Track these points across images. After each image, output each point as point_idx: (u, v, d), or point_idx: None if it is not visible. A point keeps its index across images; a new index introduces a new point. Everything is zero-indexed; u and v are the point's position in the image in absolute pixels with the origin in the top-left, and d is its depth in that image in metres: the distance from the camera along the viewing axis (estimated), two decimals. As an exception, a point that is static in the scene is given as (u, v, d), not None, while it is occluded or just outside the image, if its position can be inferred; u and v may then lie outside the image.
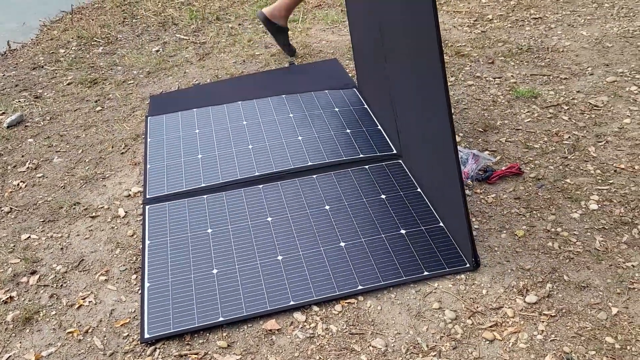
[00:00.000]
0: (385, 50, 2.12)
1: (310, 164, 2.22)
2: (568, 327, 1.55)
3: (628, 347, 1.48)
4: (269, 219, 1.98)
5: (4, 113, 2.82)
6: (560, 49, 2.95)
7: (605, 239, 1.81)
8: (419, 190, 2.07)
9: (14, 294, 1.78)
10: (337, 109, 2.55)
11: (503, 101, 2.57)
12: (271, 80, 2.84)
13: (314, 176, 2.16)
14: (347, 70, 2.90)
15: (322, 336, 1.59)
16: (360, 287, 1.71)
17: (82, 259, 1.89)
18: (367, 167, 2.20)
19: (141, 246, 1.91)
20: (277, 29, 3.03)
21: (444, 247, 1.83)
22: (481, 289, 1.69)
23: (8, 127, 2.69)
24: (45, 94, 3.00)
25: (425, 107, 1.86)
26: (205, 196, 2.10)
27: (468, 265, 1.75)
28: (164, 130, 2.48)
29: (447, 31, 3.28)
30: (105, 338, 1.62)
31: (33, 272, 1.85)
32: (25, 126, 2.70)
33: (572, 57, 2.86)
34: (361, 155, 2.25)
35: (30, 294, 1.78)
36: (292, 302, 1.68)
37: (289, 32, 3.15)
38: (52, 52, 3.51)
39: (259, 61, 3.13)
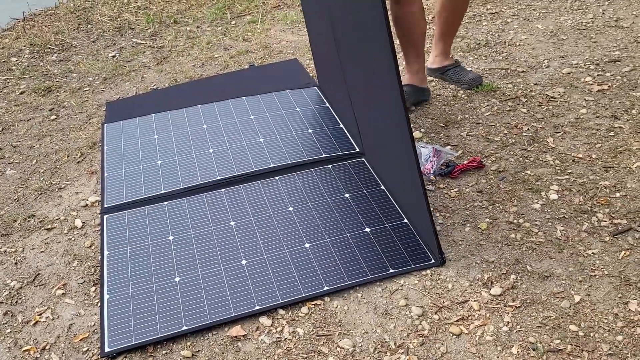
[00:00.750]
0: (339, 48, 2.10)
1: (272, 165, 2.19)
2: (533, 317, 1.56)
3: (591, 334, 1.50)
4: (232, 223, 1.95)
5: (-47, 125, 2.72)
6: (517, 43, 2.99)
7: (566, 228, 1.83)
8: (382, 187, 2.06)
9: (-34, 313, 1.71)
10: (298, 109, 2.53)
11: (463, 96, 2.58)
12: (231, 83, 2.80)
13: (277, 178, 2.14)
14: (308, 70, 2.88)
15: (288, 340, 1.56)
16: (326, 288, 1.69)
17: (38, 273, 1.83)
18: (330, 166, 2.18)
19: (100, 257, 1.85)
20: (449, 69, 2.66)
21: (409, 244, 1.82)
22: (447, 284, 1.68)
23: (-43, 139, 2.59)
24: (-3, 104, 2.90)
25: (381, 105, 1.86)
26: (165, 203, 2.05)
27: (433, 261, 1.75)
28: (121, 137, 2.41)
29: (406, 28, 3.29)
30: (63, 354, 1.56)
31: (-14, 290, 1.78)
32: (-24, 138, 2.61)
33: (529, 50, 2.90)
34: (324, 155, 2.23)
35: (-17, 312, 1.71)
36: (257, 307, 1.65)
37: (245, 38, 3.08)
38: (4, 61, 3.39)
39: (219, 63, 3.08)
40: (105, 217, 2.00)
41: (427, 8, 3.40)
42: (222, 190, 2.09)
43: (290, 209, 1.99)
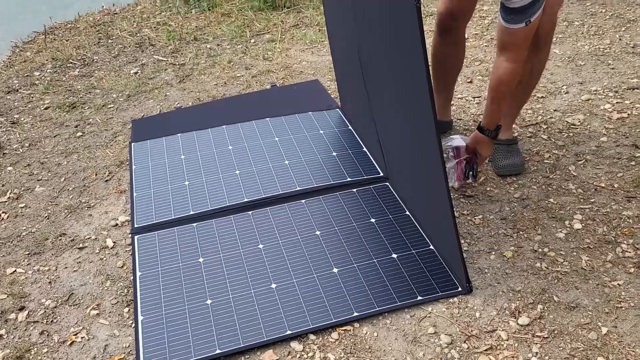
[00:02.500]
0: (366, 72, 2.15)
1: (298, 188, 2.23)
2: (561, 349, 1.59)
3: (619, 367, 1.53)
4: (261, 246, 1.98)
5: (-20, 140, 2.76)
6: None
7: (590, 259, 1.86)
8: (407, 213, 2.10)
9: (2, 331, 1.74)
10: (322, 131, 2.57)
11: (483, 121, 2.62)
12: (254, 103, 2.85)
13: (303, 201, 2.17)
14: (329, 91, 2.93)
15: (320, 365, 1.59)
16: (355, 314, 1.72)
17: (72, 293, 1.86)
18: (355, 190, 2.22)
19: (132, 278, 1.89)
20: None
21: (436, 271, 1.85)
22: (474, 312, 1.71)
23: (-15, 155, 2.63)
24: (22, 119, 2.95)
25: (410, 132, 1.89)
26: (194, 224, 2.09)
27: (460, 289, 1.78)
28: (148, 156, 2.46)
29: (424, 50, 3.33)
30: (100, 376, 1.59)
31: (22, 308, 1.81)
32: (4, 153, 2.65)
33: (548, 76, 2.94)
34: (348, 179, 2.27)
35: (19, 331, 1.74)
36: (288, 332, 1.68)
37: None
38: (27, 75, 3.44)
39: (240, 83, 3.13)
40: (136, 237, 2.04)
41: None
42: (250, 212, 2.13)
43: (317, 232, 2.03)
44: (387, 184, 2.25)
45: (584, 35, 3.34)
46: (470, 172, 2.15)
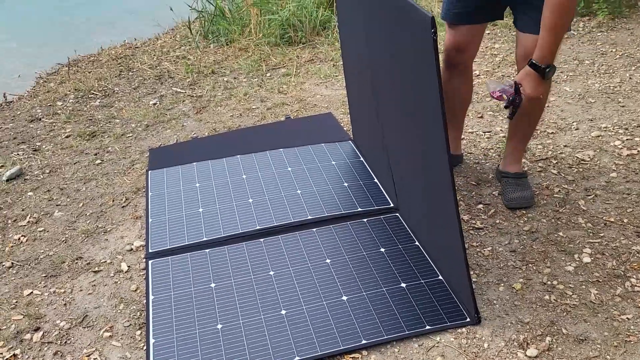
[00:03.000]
0: (380, 105, 2.21)
1: (309, 217, 2.27)
2: (569, 381, 1.59)
3: (628, 400, 1.52)
4: (271, 272, 2.01)
5: (2, 166, 2.84)
6: (546, 104, 3.07)
7: (599, 292, 1.87)
8: (417, 243, 2.12)
9: (17, 351, 1.77)
10: (334, 162, 2.62)
11: (494, 155, 2.66)
12: (268, 134, 2.91)
13: (314, 230, 2.21)
14: (342, 124, 2.99)
15: (328, 392, 1.60)
16: (364, 342, 1.74)
17: (86, 315, 1.90)
18: (365, 220, 2.26)
19: (145, 301, 1.92)
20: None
21: (444, 301, 1.87)
22: (483, 343, 1.72)
23: (7, 180, 2.71)
24: (44, 146, 3.04)
25: (422, 162, 1.94)
26: (207, 250, 2.13)
27: (469, 319, 1.79)
28: (164, 184, 2.52)
29: (436, 86, 3.40)
30: (111, 397, 1.62)
31: (37, 329, 1.85)
32: (25, 179, 2.73)
33: (558, 112, 2.98)
34: (359, 209, 2.31)
35: (34, 351, 1.77)
36: (296, 358, 1.69)
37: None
38: (50, 105, 3.56)
39: (256, 115, 3.21)
40: (150, 262, 2.08)
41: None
42: (262, 240, 2.17)
43: (328, 261, 2.06)
44: (397, 214, 2.28)
45: (594, 73, 3.40)
46: (508, 106, 2.04)
